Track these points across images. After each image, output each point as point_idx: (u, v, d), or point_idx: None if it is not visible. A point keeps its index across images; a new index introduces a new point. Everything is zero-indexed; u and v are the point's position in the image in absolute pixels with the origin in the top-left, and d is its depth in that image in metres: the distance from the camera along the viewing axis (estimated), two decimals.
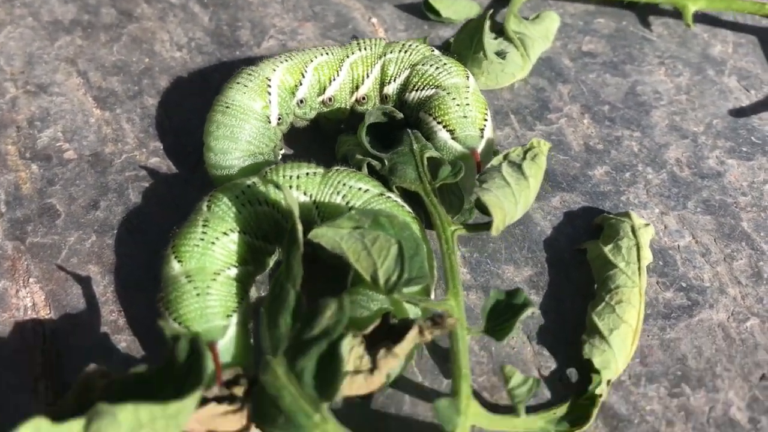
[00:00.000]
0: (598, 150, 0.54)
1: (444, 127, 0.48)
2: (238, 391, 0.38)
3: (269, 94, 0.48)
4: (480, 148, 0.47)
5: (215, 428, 0.37)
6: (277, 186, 0.41)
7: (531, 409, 0.41)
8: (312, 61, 0.49)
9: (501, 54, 0.55)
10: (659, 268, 0.48)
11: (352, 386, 0.38)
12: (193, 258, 0.41)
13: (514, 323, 0.39)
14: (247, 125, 0.47)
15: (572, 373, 0.43)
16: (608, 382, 0.41)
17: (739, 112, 0.57)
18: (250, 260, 0.43)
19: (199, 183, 0.50)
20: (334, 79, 0.49)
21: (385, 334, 0.38)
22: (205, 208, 0.43)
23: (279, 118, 0.48)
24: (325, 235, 0.40)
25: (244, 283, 0.42)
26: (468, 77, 0.50)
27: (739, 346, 0.45)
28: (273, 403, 0.35)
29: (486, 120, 0.49)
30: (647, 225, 0.46)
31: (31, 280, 0.46)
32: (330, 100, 0.50)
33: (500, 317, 0.40)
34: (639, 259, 0.44)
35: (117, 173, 0.51)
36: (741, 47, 0.61)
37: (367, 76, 0.50)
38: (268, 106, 0.48)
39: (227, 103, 0.47)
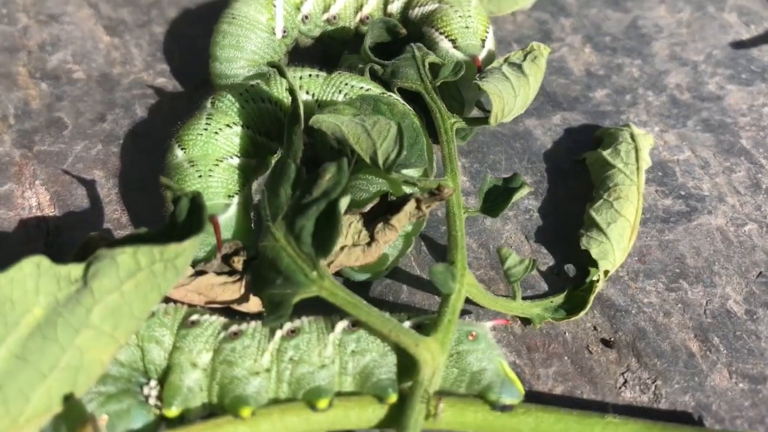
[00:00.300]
0: (599, 75, 0.54)
1: (446, 37, 0.48)
2: (237, 263, 0.38)
3: (275, 6, 0.49)
4: (481, 57, 0.48)
5: (214, 297, 0.38)
6: (283, 74, 0.42)
7: (529, 298, 0.41)
8: None
9: None
10: (658, 178, 0.48)
11: (350, 258, 0.38)
12: (197, 146, 0.42)
13: (509, 202, 0.40)
14: (252, 35, 0.48)
15: (570, 268, 0.44)
16: (605, 273, 0.41)
17: (738, 45, 0.57)
18: (252, 154, 0.44)
19: (202, 100, 0.50)
20: None
21: (384, 213, 0.39)
22: (209, 105, 0.44)
23: (284, 32, 0.49)
24: (326, 120, 0.40)
25: (246, 173, 0.43)
26: None
27: (737, 248, 0.45)
28: (272, 266, 0.35)
29: (488, 32, 0.49)
30: (646, 134, 0.46)
31: (37, 182, 0.47)
32: (334, 18, 0.51)
33: (496, 198, 0.40)
34: (638, 161, 0.44)
35: (124, 91, 0.52)
36: None
37: None
38: (273, 19, 0.49)
39: (234, 14, 0.48)
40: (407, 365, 0.35)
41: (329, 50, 0.53)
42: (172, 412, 0.33)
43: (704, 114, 0.52)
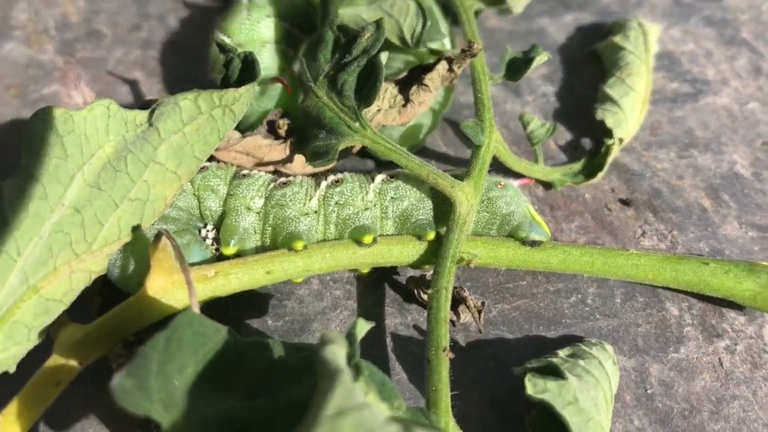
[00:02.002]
0: None
1: None
2: (282, 127, 0.41)
3: None
4: None
5: (261, 158, 0.41)
6: None
7: (553, 166, 0.44)
8: None
9: None
10: (666, 65, 0.51)
11: (387, 118, 0.41)
12: (242, 33, 0.45)
13: (529, 67, 0.42)
14: None
15: (586, 142, 0.47)
16: (620, 140, 0.44)
17: None
18: (289, 42, 0.46)
19: None
20: None
21: (418, 75, 0.41)
22: (246, 0, 0.47)
23: None
24: (344, 14, 0.43)
25: (287, 58, 0.46)
26: None
27: (741, 122, 0.48)
28: (316, 123, 0.38)
29: None
30: (652, 25, 0.49)
31: (81, 83, 0.50)
32: None
33: (517, 67, 0.43)
34: (645, 43, 0.47)
35: (158, 4, 0.55)
36: None
37: None
38: None
39: None
40: (443, 210, 0.38)
41: None
42: (230, 249, 0.36)
43: (706, 12, 0.55)
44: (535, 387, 0.31)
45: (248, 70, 0.37)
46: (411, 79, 0.42)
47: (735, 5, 0.55)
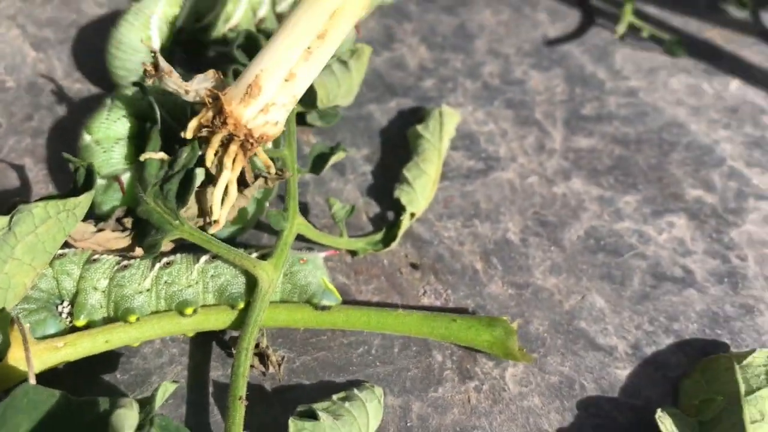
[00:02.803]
0: (429, 68, 0.68)
1: None
2: (127, 222, 0.51)
3: (150, 29, 0.62)
4: None
5: (110, 248, 0.51)
6: (144, 92, 0.55)
7: (356, 237, 0.55)
8: None
9: None
10: (466, 145, 0.62)
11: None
12: (101, 131, 0.55)
13: (326, 163, 0.53)
14: (134, 57, 0.61)
15: (390, 214, 0.57)
16: (412, 215, 0.55)
17: (544, 38, 0.72)
18: (142, 137, 0.56)
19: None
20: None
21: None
22: (108, 101, 0.57)
23: (160, 45, 0.62)
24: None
25: (139, 150, 0.56)
26: None
27: (520, 194, 0.59)
28: (148, 223, 0.49)
29: None
30: (454, 112, 0.60)
31: None
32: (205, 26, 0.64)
33: (321, 161, 0.53)
34: (441, 132, 0.58)
35: (48, 95, 0.65)
36: None
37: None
38: (150, 38, 0.62)
39: (119, 39, 0.61)
40: (252, 284, 0.48)
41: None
42: (81, 322, 0.46)
43: (509, 95, 0.66)
44: (295, 426, 0.42)
45: (89, 179, 0.48)
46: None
47: (534, 87, 0.67)
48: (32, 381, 0.39)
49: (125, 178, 0.53)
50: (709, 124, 0.64)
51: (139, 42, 0.61)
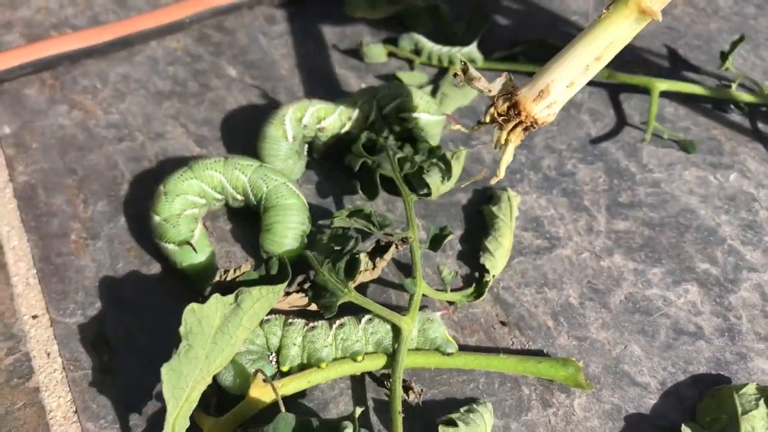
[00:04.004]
0: None
1: (421, 111, 0.83)
2: (306, 287, 0.72)
3: (284, 124, 0.83)
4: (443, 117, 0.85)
5: (295, 304, 0.72)
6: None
7: (455, 290, 0.76)
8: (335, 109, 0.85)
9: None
10: (533, 227, 0.84)
11: (362, 277, 0.73)
12: (164, 211, 0.75)
13: (443, 241, 0.74)
14: (277, 145, 0.82)
15: (476, 275, 0.79)
16: (493, 276, 0.76)
17: (587, 136, 0.93)
18: (197, 206, 0.77)
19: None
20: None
21: (377, 251, 0.74)
22: (162, 187, 0.77)
23: (293, 137, 0.83)
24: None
25: (196, 216, 0.76)
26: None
27: (577, 267, 0.80)
28: (323, 288, 0.69)
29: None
30: (516, 195, 0.82)
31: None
32: (322, 129, 0.85)
33: (436, 240, 0.75)
34: (511, 212, 0.80)
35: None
36: (593, 94, 0.98)
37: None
38: (286, 132, 0.83)
39: (264, 134, 0.82)
40: (397, 334, 0.69)
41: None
42: (285, 368, 0.67)
43: (563, 185, 0.88)
44: (443, 430, 0.63)
45: (283, 269, 0.69)
46: (375, 252, 0.73)
47: (581, 179, 0.88)
48: (282, 408, 0.61)
49: (194, 241, 0.74)
50: (714, 210, 0.85)
51: (279, 134, 0.82)
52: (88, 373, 0.69)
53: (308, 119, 0.82)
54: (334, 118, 0.84)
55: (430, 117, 0.84)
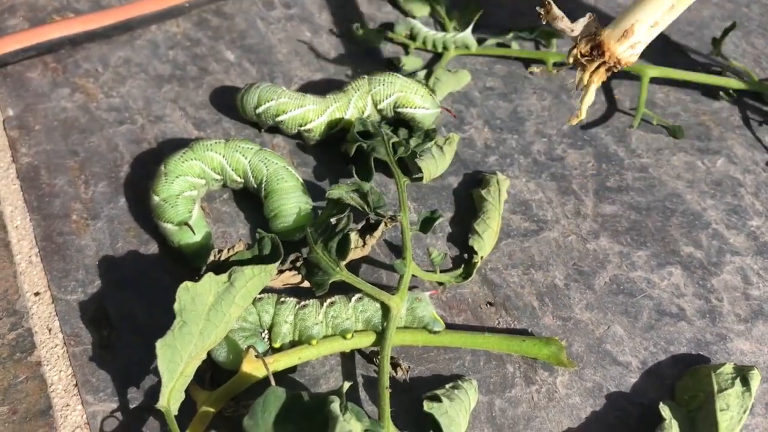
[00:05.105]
0: (492, 147, 0.92)
1: (418, 107, 0.85)
2: (299, 264, 0.74)
3: None
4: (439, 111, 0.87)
5: (288, 282, 0.74)
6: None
7: (444, 271, 0.79)
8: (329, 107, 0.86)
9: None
10: (522, 210, 0.86)
11: (353, 254, 0.75)
12: (164, 191, 0.77)
13: (432, 224, 0.76)
14: None
15: (465, 256, 0.81)
16: (481, 257, 0.78)
17: (578, 122, 0.95)
18: (196, 187, 0.79)
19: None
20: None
21: (367, 229, 0.76)
22: (163, 167, 0.79)
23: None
24: (332, 193, 0.77)
25: (194, 197, 0.79)
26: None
27: (563, 249, 0.82)
28: (316, 266, 0.72)
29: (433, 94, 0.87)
30: (506, 179, 0.84)
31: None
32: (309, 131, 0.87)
33: (427, 223, 0.77)
34: (500, 195, 0.82)
35: None
36: None
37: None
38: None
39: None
40: (386, 312, 0.72)
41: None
42: (277, 344, 0.70)
43: (552, 169, 0.90)
44: (428, 405, 0.65)
45: (275, 249, 0.71)
46: (365, 229, 0.76)
47: (571, 163, 0.90)
48: (272, 382, 0.63)
49: (192, 222, 0.77)
50: (700, 195, 0.87)
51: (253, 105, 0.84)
52: (88, 348, 0.71)
53: (262, 109, 0.86)
54: (323, 119, 0.86)
55: (426, 111, 0.86)
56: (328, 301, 0.71)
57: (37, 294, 0.76)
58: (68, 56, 0.99)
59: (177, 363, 0.61)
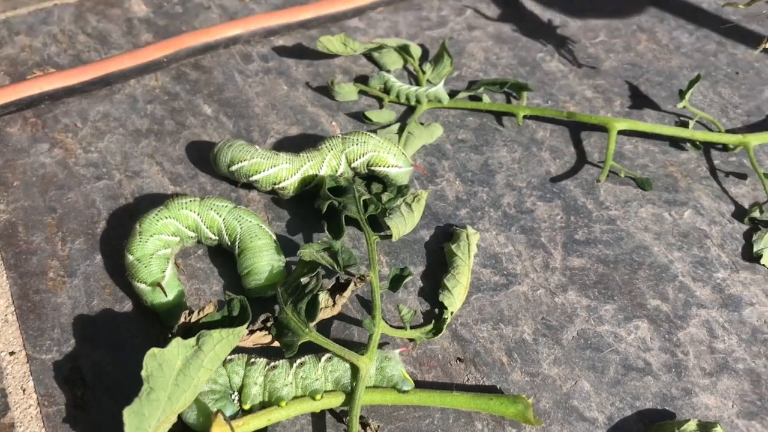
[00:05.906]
0: (463, 199, 0.93)
1: (390, 166, 0.87)
2: (270, 324, 0.76)
3: None
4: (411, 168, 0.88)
5: (259, 342, 0.75)
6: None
7: (414, 328, 0.80)
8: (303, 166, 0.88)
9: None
10: (492, 264, 0.87)
11: (323, 314, 0.76)
12: (138, 250, 0.79)
13: (402, 283, 0.78)
14: None
15: (436, 311, 0.82)
16: (451, 313, 0.80)
17: (547, 174, 0.97)
18: (171, 245, 0.81)
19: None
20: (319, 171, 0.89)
21: (337, 288, 0.77)
22: (138, 226, 0.81)
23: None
24: (303, 253, 0.79)
25: (168, 255, 0.80)
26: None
27: (531, 303, 0.84)
28: (285, 327, 0.73)
29: (405, 153, 0.89)
30: (475, 233, 0.85)
31: None
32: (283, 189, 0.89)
33: (396, 281, 0.78)
34: (469, 250, 0.83)
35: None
36: (555, 132, 1.02)
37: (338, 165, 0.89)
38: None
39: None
40: (355, 372, 0.73)
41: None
42: (247, 406, 0.71)
43: (522, 223, 0.91)
44: None
45: (244, 311, 0.72)
46: (335, 288, 0.77)
47: (540, 216, 0.92)
48: None
49: (164, 283, 0.78)
50: (667, 247, 0.89)
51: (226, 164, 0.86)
52: (62, 409, 0.72)
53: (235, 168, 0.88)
54: (297, 177, 0.87)
55: (399, 170, 0.88)
56: (298, 361, 0.72)
57: (12, 353, 0.77)
58: (48, 111, 1.00)
59: (145, 429, 0.62)
